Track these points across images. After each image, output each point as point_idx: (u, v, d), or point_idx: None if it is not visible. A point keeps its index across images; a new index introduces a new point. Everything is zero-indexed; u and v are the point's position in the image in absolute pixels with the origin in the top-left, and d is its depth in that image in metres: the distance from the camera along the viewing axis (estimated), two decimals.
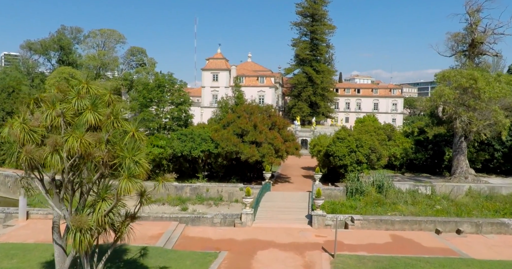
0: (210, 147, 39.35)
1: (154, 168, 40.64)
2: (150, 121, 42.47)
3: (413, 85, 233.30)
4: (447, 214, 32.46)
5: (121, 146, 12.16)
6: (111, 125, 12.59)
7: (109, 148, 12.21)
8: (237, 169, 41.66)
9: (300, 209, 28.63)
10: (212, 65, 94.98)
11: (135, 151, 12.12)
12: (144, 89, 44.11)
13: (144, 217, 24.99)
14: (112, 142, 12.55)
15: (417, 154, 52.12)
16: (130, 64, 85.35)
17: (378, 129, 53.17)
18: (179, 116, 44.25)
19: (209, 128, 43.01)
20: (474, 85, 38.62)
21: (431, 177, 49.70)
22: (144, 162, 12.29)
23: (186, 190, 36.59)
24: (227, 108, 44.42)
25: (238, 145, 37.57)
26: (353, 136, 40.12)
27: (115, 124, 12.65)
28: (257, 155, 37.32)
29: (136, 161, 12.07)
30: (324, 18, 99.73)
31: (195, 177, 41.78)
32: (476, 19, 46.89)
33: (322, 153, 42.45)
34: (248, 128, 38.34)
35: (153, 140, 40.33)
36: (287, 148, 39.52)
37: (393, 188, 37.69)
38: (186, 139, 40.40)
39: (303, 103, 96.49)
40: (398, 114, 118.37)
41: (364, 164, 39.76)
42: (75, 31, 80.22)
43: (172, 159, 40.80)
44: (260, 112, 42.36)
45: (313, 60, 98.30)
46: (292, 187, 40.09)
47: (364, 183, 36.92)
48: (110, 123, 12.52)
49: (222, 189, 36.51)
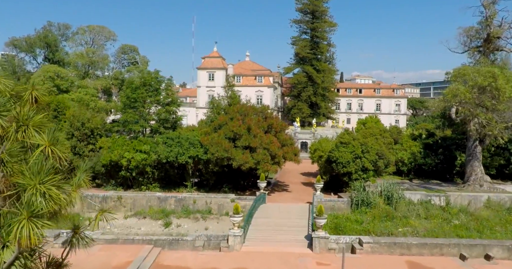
0: (199, 153, 35.30)
1: (137, 175, 36.69)
2: (134, 123, 38.36)
3: (415, 85, 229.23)
4: (467, 230, 28.44)
5: (22, 169, 8.02)
6: (14, 136, 8.45)
7: (6, 172, 8.11)
8: (230, 176, 37.59)
9: (298, 228, 24.53)
10: (208, 64, 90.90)
11: (43, 177, 7.98)
12: (128, 88, 40.08)
13: (111, 240, 20.93)
14: (12, 163, 8.45)
15: (426, 159, 48.07)
16: (121, 63, 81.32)
17: (384, 132, 48.97)
18: (166, 118, 40.14)
19: (198, 131, 38.96)
20: (493, 84, 34.55)
21: (442, 184, 45.76)
22: (57, 193, 8.12)
23: (170, 201, 32.49)
24: (219, 109, 40.40)
25: (230, 150, 33.52)
26: (358, 140, 36.04)
27: (21, 134, 8.52)
28: (251, 162, 33.26)
29: (44, 192, 7.93)
30: (325, 15, 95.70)
31: (183, 186, 37.74)
32: (492, 12, 42.77)
33: (324, 159, 38.38)
34: (241, 132, 34.30)
35: (136, 145, 36.30)
36: (285, 154, 35.46)
37: (403, 199, 33.66)
38: (172, 144, 36.34)
39: (303, 104, 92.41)
40: (401, 115, 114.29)
41: (371, 172, 35.70)
42: (63, 28, 76.23)
43: (157, 166, 36.76)
44: (255, 113, 38.30)
45: (313, 59, 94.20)
46: (290, 197, 36.01)
47: (371, 194, 32.85)
48: (11, 132, 8.40)
49: (211, 201, 32.41)
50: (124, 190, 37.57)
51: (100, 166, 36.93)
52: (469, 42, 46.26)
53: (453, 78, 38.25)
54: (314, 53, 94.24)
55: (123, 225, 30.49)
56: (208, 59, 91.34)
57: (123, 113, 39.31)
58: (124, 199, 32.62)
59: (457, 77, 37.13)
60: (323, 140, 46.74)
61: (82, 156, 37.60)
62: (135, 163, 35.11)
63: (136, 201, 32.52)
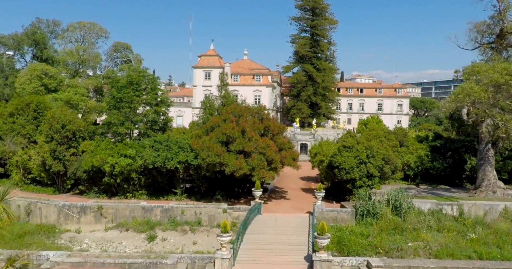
0: (188, 158, 32.30)
1: (122, 182, 33.71)
2: (119, 125, 35.30)
3: (416, 85, 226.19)
4: (485, 246, 25.47)
5: None
6: None
7: None
8: (223, 182, 34.59)
9: (297, 247, 21.47)
10: (204, 63, 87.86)
11: None
12: (113, 87, 37.06)
13: (77, 264, 17.91)
14: None
15: (434, 163, 45.06)
16: (114, 61, 78.13)
17: (389, 133, 45.91)
18: (154, 119, 37.04)
19: (189, 133, 35.95)
20: (511, 81, 31.56)
21: (451, 190, 42.80)
22: None
23: (156, 212, 29.46)
24: (212, 110, 37.31)
25: (222, 155, 30.51)
26: (363, 143, 33.03)
27: None
28: (245, 168, 30.27)
29: None
30: (325, 12, 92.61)
31: (172, 193, 34.75)
32: (506, 5, 39.72)
33: (325, 164, 35.38)
34: (235, 135, 31.30)
35: (121, 149, 33.31)
36: (283, 159, 32.44)
37: (413, 209, 30.69)
38: (160, 148, 33.35)
39: (302, 104, 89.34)
40: (404, 116, 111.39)
41: (376, 178, 32.74)
42: (52, 25, 73.02)
43: (144, 172, 33.77)
44: (251, 114, 35.29)
45: (313, 57, 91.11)
46: (289, 206, 33.00)
47: (377, 203, 29.84)
48: None
49: (201, 211, 29.40)
50: (108, 197, 34.61)
51: (81, 172, 33.96)
52: (480, 38, 43.22)
53: (466, 76, 35.20)
54: (314, 51, 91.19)
55: (102, 239, 27.51)
56: (204, 58, 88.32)
57: (107, 114, 36.24)
58: (105, 209, 29.59)
59: (470, 75, 34.08)
60: (324, 143, 43.74)
61: (62, 160, 34.58)
62: (119, 168, 32.12)
63: (118, 212, 29.49)
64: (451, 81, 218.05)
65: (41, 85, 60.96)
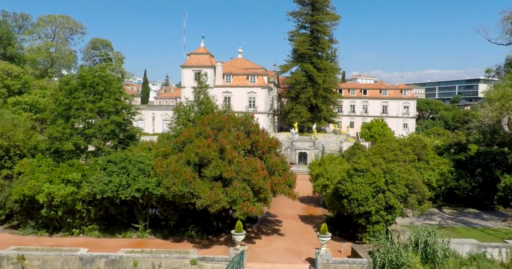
0: (149, 185, 24.40)
1: (65, 215, 25.84)
2: (63, 140, 27.37)
3: (419, 85, 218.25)
4: None
5: None
6: None
7: None
8: (198, 214, 26.67)
9: None
10: (194, 62, 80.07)
11: None
12: (61, 91, 29.15)
13: None
14: None
15: (460, 181, 37.31)
16: (92, 59, 70.26)
17: (404, 145, 38.03)
18: (112, 132, 29.00)
19: (155, 150, 28.00)
20: None
21: (482, 215, 35.24)
22: None
23: (99, 264, 21.44)
24: (186, 119, 29.40)
25: (192, 183, 22.63)
26: (380, 166, 25.10)
27: None
28: (223, 200, 22.39)
29: None
30: (326, 6, 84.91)
31: (133, 228, 26.85)
32: None
33: (330, 190, 27.47)
34: (210, 155, 23.41)
35: (63, 171, 25.40)
36: (274, 186, 24.50)
37: (450, 254, 22.83)
38: (115, 171, 25.41)
39: (302, 107, 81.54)
40: (410, 119, 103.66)
41: (397, 211, 24.80)
42: (21, 19, 65.12)
43: (93, 202, 25.85)
44: (235, 126, 27.40)
45: (313, 56, 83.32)
46: (283, 248, 25.04)
47: (402, 249, 21.95)
48: None
49: (161, 262, 21.43)
50: (49, 234, 26.73)
51: (12, 202, 26.06)
52: None
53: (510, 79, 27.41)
54: (314, 49, 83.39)
55: None
56: (194, 56, 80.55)
57: (50, 125, 28.19)
58: (28, 260, 21.58)
59: None
60: (328, 158, 35.82)
61: None
62: (59, 198, 24.22)
63: (46, 264, 21.48)
64: (455, 82, 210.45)
65: (3, 86, 53.12)
